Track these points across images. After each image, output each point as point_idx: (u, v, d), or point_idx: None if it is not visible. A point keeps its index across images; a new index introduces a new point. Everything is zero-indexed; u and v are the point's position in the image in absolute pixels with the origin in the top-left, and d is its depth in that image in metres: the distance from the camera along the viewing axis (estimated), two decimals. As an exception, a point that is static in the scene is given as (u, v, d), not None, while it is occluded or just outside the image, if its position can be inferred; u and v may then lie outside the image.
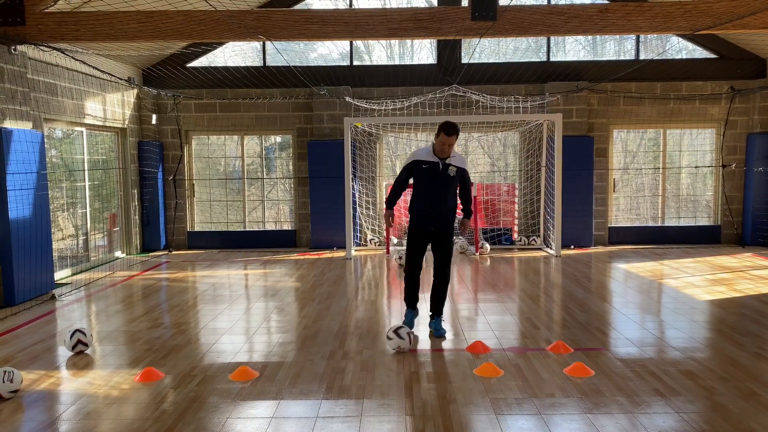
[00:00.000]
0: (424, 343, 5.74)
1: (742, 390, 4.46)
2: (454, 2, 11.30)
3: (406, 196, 6.78)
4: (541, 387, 4.58)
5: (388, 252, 11.28)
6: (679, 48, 12.16)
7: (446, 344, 5.69)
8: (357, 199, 11.98)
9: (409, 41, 12.55)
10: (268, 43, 10.40)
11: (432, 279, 6.10)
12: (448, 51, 11.94)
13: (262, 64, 12.12)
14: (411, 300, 6.21)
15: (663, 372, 4.85)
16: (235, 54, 12.43)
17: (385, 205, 6.23)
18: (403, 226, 12.48)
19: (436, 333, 5.97)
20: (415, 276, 6.14)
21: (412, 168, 5.97)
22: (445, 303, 6.18)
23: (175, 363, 5.24)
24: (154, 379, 4.83)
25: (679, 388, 4.52)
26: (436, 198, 5.89)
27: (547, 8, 7.67)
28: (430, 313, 6.13)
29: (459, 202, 6.17)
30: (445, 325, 6.32)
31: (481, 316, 6.72)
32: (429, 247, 6.11)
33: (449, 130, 5.79)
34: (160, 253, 11.81)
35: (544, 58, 12.15)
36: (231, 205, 12.69)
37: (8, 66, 7.60)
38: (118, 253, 11.34)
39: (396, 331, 5.46)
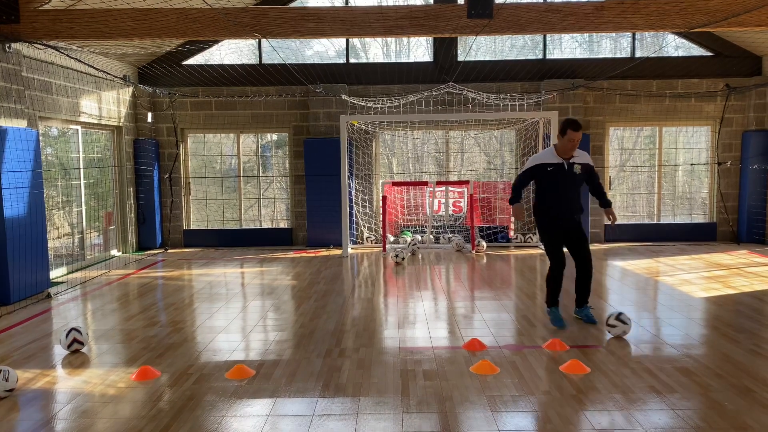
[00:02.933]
0: (421, 340, 5.75)
1: (737, 387, 4.48)
2: (450, 0, 11.29)
3: (404, 195, 6.80)
4: (537, 384, 4.58)
5: (384, 250, 11.28)
6: (675, 46, 12.18)
7: (442, 342, 5.69)
8: (353, 197, 11.97)
9: (405, 39, 12.54)
10: (263, 40, 10.40)
11: (575, 272, 6.16)
12: (444, 49, 11.93)
13: (258, 62, 12.09)
14: (555, 298, 6.22)
15: (659, 369, 4.86)
16: (230, 52, 12.40)
17: (510, 203, 6.24)
18: (399, 224, 12.49)
19: (588, 320, 6.15)
20: (561, 274, 6.15)
21: (536, 172, 5.99)
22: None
23: (171, 361, 5.23)
24: (150, 377, 4.82)
25: (674, 385, 4.53)
26: (565, 199, 5.96)
27: (543, 6, 7.67)
28: (578, 304, 6.25)
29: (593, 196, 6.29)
30: (441, 323, 6.32)
31: (477, 314, 6.72)
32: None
33: (577, 126, 5.76)
34: (156, 251, 11.79)
35: (540, 56, 12.16)
36: (227, 203, 12.67)
37: (2, 64, 7.57)
38: (114, 252, 11.31)
39: (618, 317, 5.64)
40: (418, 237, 12.04)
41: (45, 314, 7.03)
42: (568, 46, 12.45)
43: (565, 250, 6.13)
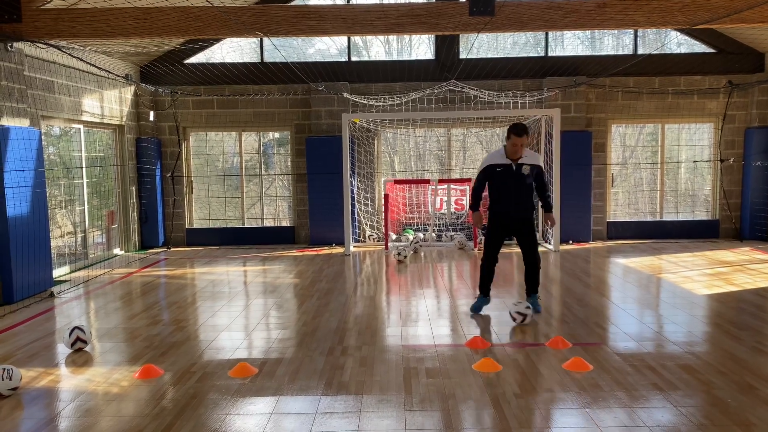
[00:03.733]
0: (423, 338, 5.75)
1: (740, 384, 4.47)
2: (451, -3, 11.27)
3: (406, 193, 6.93)
4: (540, 382, 4.59)
5: (386, 248, 11.28)
6: (678, 42, 12.16)
7: (445, 340, 5.70)
8: (355, 195, 11.97)
9: (407, 36, 12.52)
10: (265, 39, 10.38)
11: (524, 265, 6.54)
12: (446, 46, 11.92)
13: (259, 61, 12.09)
14: (485, 288, 6.67)
15: (661, 366, 4.86)
16: (232, 50, 12.40)
17: (470, 209, 6.69)
18: (402, 222, 12.49)
19: (535, 309, 6.46)
20: (491, 268, 6.60)
21: (487, 172, 6.40)
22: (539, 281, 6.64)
23: (174, 360, 5.24)
24: (153, 375, 4.83)
25: (677, 382, 4.53)
26: (513, 198, 6.33)
27: (545, 3, 7.65)
28: (527, 293, 6.62)
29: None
30: (444, 321, 6.33)
31: (479, 312, 6.72)
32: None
33: (519, 132, 6.16)
34: (159, 250, 11.81)
35: (542, 53, 12.14)
36: (229, 202, 12.68)
37: (4, 63, 7.58)
38: (117, 250, 11.33)
39: (516, 306, 6.05)
40: (421, 235, 12.03)
41: (48, 313, 7.05)
42: (570, 43, 12.42)
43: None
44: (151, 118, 11.94)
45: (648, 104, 11.96)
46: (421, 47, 12.59)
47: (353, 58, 12.23)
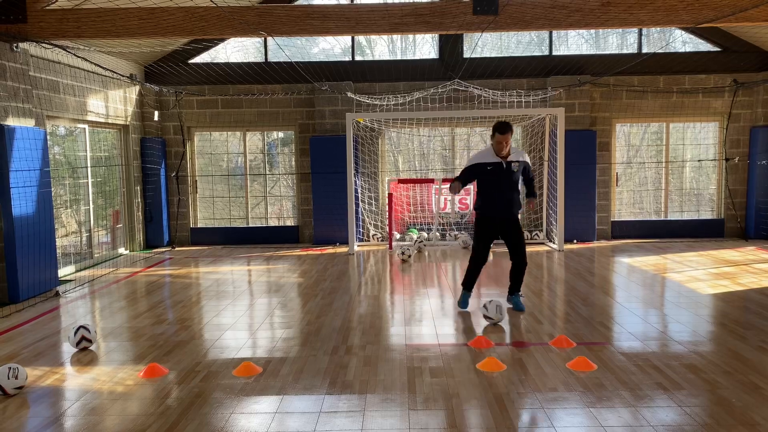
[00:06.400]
0: (427, 338, 5.75)
1: (745, 383, 4.46)
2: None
3: (410, 192, 6.93)
4: (544, 381, 4.58)
5: (390, 247, 11.28)
6: (682, 41, 12.12)
7: (449, 339, 5.70)
8: (359, 195, 11.98)
9: (410, 36, 12.52)
10: (269, 38, 10.40)
11: (511, 263, 6.56)
12: (450, 45, 11.91)
13: (263, 60, 12.11)
14: (469, 285, 6.69)
15: (666, 366, 4.85)
16: (236, 50, 12.42)
17: (454, 182, 6.31)
18: (406, 222, 12.49)
19: (517, 308, 6.56)
20: (479, 267, 6.60)
21: (476, 171, 6.34)
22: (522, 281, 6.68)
23: (179, 359, 5.26)
24: (158, 374, 4.85)
25: (682, 381, 4.52)
26: (504, 196, 6.32)
27: (548, 2, 7.63)
28: (510, 291, 6.68)
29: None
30: (448, 320, 6.33)
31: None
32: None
33: (503, 129, 6.17)
34: (164, 249, 11.84)
35: (547, 52, 12.12)
36: (234, 201, 12.70)
37: (10, 63, 7.61)
38: (122, 250, 11.37)
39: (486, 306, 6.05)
40: (425, 234, 12.03)
41: (53, 312, 7.08)
42: (574, 42, 12.40)
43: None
44: (156, 118, 11.97)
45: (653, 103, 11.92)
46: (425, 46, 12.58)
47: (357, 58, 12.24)
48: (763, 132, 11.60)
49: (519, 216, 6.64)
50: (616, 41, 12.44)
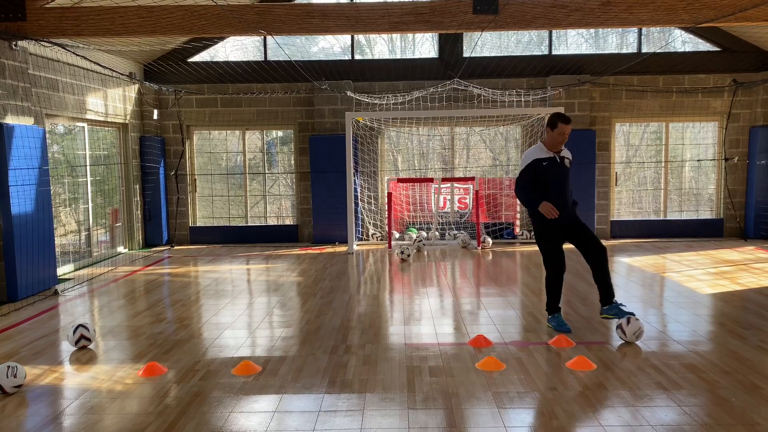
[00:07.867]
0: (427, 337, 5.75)
1: (744, 383, 4.46)
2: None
3: (409, 191, 6.80)
4: (544, 381, 4.58)
5: (390, 246, 11.28)
6: (682, 41, 12.12)
7: (448, 338, 5.69)
8: (359, 194, 11.97)
9: (410, 35, 12.51)
10: (269, 37, 10.39)
11: (590, 266, 5.88)
12: (450, 45, 11.91)
13: (263, 59, 12.10)
14: (555, 303, 5.90)
15: (665, 365, 4.85)
16: (236, 49, 12.41)
17: (532, 207, 5.80)
18: (405, 221, 12.48)
19: (621, 317, 5.61)
20: (561, 278, 5.89)
21: (534, 166, 5.78)
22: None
23: (178, 358, 5.25)
24: (157, 373, 4.84)
25: (681, 381, 4.52)
26: (562, 191, 5.83)
27: (549, 1, 7.63)
28: (604, 301, 5.84)
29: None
30: (447, 319, 6.32)
31: (483, 310, 6.72)
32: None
33: (567, 119, 5.68)
34: (163, 248, 11.83)
35: (546, 52, 12.11)
36: (233, 200, 12.69)
37: (9, 62, 7.60)
38: (121, 249, 11.35)
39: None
40: (424, 234, 12.03)
41: (52, 311, 7.07)
42: (574, 42, 12.40)
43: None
44: (155, 117, 11.95)
45: (652, 103, 11.93)
46: (424, 46, 12.57)
47: (357, 57, 12.23)
48: (762, 132, 11.60)
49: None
50: (616, 41, 12.44)
